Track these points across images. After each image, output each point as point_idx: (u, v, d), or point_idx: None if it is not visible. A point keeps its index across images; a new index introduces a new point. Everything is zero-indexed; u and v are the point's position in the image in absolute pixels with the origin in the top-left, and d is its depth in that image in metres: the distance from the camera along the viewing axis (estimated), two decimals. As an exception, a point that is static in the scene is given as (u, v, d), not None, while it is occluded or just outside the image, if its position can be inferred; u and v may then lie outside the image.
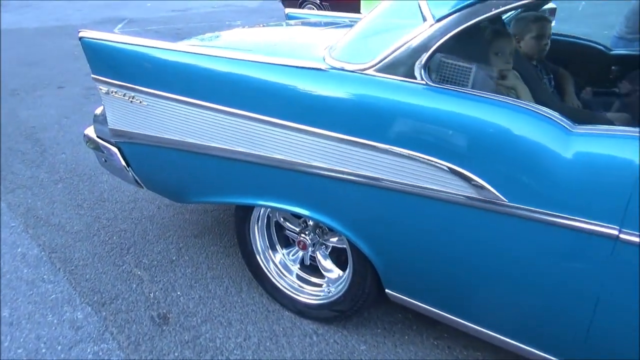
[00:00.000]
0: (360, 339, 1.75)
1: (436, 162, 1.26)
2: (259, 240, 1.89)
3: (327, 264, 1.82)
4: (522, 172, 1.16)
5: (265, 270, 1.89)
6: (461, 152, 1.23)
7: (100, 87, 1.87)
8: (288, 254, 1.93)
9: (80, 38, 1.83)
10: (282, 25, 2.48)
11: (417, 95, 1.31)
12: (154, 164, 1.94)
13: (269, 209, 1.82)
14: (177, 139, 1.73)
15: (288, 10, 3.01)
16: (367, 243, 1.48)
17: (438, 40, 1.27)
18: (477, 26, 1.28)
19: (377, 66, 1.38)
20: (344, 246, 1.73)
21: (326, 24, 2.42)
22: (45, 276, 2.06)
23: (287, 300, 1.87)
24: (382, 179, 1.35)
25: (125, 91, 1.79)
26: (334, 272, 1.82)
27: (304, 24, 2.53)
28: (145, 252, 2.24)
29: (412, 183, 1.31)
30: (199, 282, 2.04)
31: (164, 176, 1.96)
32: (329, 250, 1.81)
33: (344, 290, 1.69)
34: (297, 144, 1.46)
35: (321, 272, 1.86)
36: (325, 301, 1.77)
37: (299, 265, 1.91)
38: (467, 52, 1.39)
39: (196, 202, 1.93)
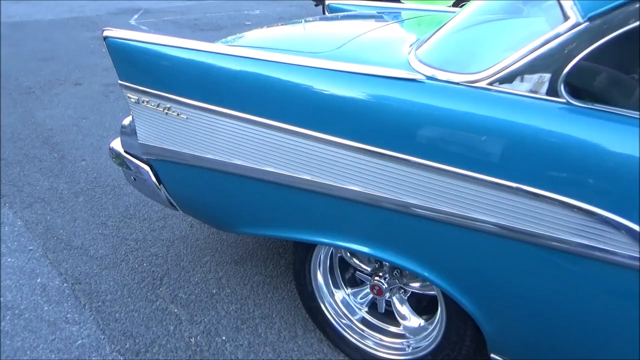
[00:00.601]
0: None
1: (585, 209, 0.94)
2: (322, 285, 1.59)
3: (404, 310, 1.52)
4: None
5: (331, 319, 1.59)
6: (623, 199, 0.91)
7: (129, 95, 1.58)
8: (355, 295, 1.62)
9: (105, 38, 1.54)
10: (332, 20, 2.15)
11: (555, 118, 0.99)
12: (194, 187, 1.64)
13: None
14: (224, 160, 1.43)
15: (330, 0, 2.67)
16: (475, 302, 1.17)
17: (588, 46, 0.95)
18: None
19: (493, 78, 1.06)
20: (428, 292, 1.43)
21: (384, 18, 2.09)
22: (69, 315, 1.79)
23: (356, 351, 1.57)
24: (505, 226, 1.04)
25: (159, 101, 1.50)
26: (411, 320, 1.52)
27: (357, 17, 2.19)
28: (180, 283, 1.96)
29: (547, 234, 1.00)
30: (246, 324, 1.75)
31: (205, 201, 1.67)
32: (408, 295, 1.50)
33: (431, 347, 1.39)
34: (382, 175, 1.15)
35: (391, 317, 1.56)
36: (406, 358, 1.47)
37: (367, 309, 1.61)
38: (620, 60, 1.06)
39: (244, 233, 1.64)
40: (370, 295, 1.56)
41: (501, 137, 1.01)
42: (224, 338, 1.68)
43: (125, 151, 1.83)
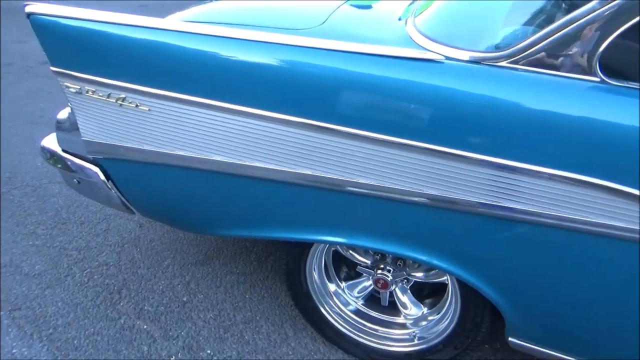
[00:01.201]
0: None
1: (623, 191, 0.92)
2: (319, 283, 1.47)
3: (405, 299, 1.46)
4: None
5: (331, 319, 1.49)
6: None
7: (67, 84, 1.32)
8: (350, 288, 1.53)
9: (29, 16, 1.25)
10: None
11: (590, 98, 0.94)
12: (158, 188, 1.43)
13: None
14: (200, 157, 1.25)
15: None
16: (499, 290, 1.13)
17: (627, 21, 0.89)
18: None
19: (519, 56, 0.98)
20: (432, 281, 1.38)
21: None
22: (15, 350, 1.51)
23: (356, 347, 1.49)
24: (539, 213, 0.99)
25: (110, 91, 1.27)
26: (412, 309, 1.46)
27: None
28: (143, 294, 1.74)
29: (581, 218, 0.97)
30: (230, 331, 1.59)
31: (174, 203, 1.46)
32: (410, 284, 1.44)
33: (443, 335, 1.34)
34: (400, 166, 1.05)
35: (391, 308, 1.50)
36: (414, 349, 1.41)
37: (362, 302, 1.53)
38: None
39: (223, 235, 1.46)
40: (370, 288, 1.48)
41: (532, 121, 0.94)
42: (209, 352, 1.52)
43: (63, 150, 1.55)
